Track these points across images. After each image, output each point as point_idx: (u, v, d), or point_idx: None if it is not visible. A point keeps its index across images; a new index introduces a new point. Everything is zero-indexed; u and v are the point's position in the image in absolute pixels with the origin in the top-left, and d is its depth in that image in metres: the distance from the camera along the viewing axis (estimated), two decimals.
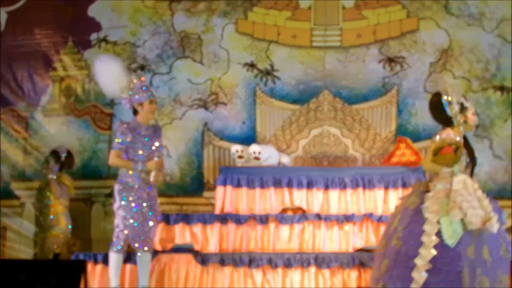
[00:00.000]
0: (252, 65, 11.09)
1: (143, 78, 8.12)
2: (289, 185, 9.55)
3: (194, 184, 10.95)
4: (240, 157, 10.01)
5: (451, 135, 7.39)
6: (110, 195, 10.19)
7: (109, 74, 8.02)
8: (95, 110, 11.16)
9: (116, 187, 8.04)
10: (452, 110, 7.52)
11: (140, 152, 8.03)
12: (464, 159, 7.47)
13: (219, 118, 11.08)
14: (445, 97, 7.52)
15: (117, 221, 8.05)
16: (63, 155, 10.12)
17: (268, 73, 11.04)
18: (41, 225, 10.11)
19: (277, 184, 9.56)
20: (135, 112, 8.12)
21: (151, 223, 8.05)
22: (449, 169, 7.24)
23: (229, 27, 11.20)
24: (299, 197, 9.55)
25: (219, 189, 9.61)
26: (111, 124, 11.11)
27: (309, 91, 11.04)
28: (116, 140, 8.00)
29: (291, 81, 11.06)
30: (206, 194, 10.92)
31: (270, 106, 11.03)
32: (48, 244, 9.95)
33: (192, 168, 10.98)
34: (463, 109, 7.61)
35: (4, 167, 11.05)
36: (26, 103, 11.30)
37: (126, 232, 7.96)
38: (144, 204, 7.98)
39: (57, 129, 11.18)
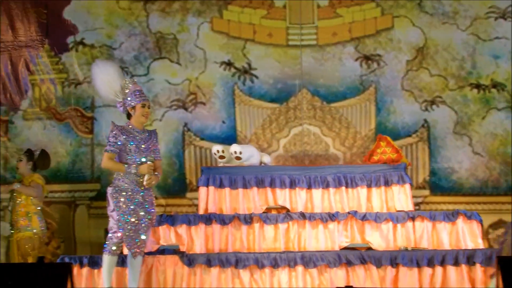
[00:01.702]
0: (229, 64, 11.04)
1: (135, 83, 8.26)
2: (272, 184, 9.52)
3: (177, 185, 10.83)
4: (222, 157, 9.92)
5: None
6: (95, 198, 10.67)
7: (106, 79, 8.08)
8: (76, 114, 11.03)
9: (109, 190, 8.01)
10: None
11: (133, 155, 8.02)
12: None
13: (199, 118, 10.96)
14: None
15: (111, 223, 8.05)
16: (37, 154, 9.92)
17: (246, 71, 11.00)
18: (13, 226, 9.80)
19: (260, 183, 9.52)
20: (129, 115, 8.15)
21: (145, 227, 8.04)
22: None
23: (205, 26, 11.11)
24: (283, 197, 9.52)
25: (202, 190, 9.51)
26: (92, 127, 11.01)
27: (287, 89, 10.98)
28: (109, 143, 7.99)
29: (268, 80, 11.01)
30: (189, 195, 10.83)
31: (249, 105, 10.99)
32: (21, 247, 9.65)
33: (174, 169, 10.87)
34: None
35: None
36: (6, 107, 11.15)
37: (119, 234, 7.96)
38: (138, 207, 7.98)
39: (38, 134, 11.05)
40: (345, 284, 8.50)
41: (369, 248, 9.05)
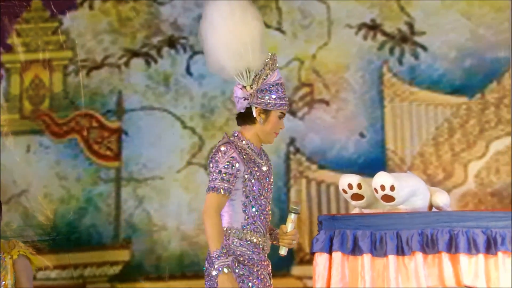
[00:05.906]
0: (373, 27, 8.20)
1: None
2: (453, 247, 6.76)
3: (275, 253, 7.64)
4: (357, 196, 7.29)
5: None
6: (122, 277, 8.23)
7: (242, 36, 5.73)
8: (90, 123, 8.28)
9: (209, 264, 5.77)
10: None
11: (257, 199, 5.91)
12: None
13: (316, 129, 8.24)
14: None
15: None
16: None
17: (404, 39, 8.17)
18: None
19: (429, 246, 6.85)
20: (246, 119, 5.89)
21: None
22: None
23: None
24: (473, 270, 6.75)
25: (320, 259, 6.97)
26: (119, 148, 8.28)
27: (484, 69, 8.09)
28: (218, 173, 5.74)
29: (448, 53, 8.10)
30: (297, 270, 8.15)
31: (410, 101, 8.10)
32: None
33: (272, 221, 7.82)
34: None
35: None
36: None
37: None
38: None
39: (18, 161, 8.22)
40: None
41: None
